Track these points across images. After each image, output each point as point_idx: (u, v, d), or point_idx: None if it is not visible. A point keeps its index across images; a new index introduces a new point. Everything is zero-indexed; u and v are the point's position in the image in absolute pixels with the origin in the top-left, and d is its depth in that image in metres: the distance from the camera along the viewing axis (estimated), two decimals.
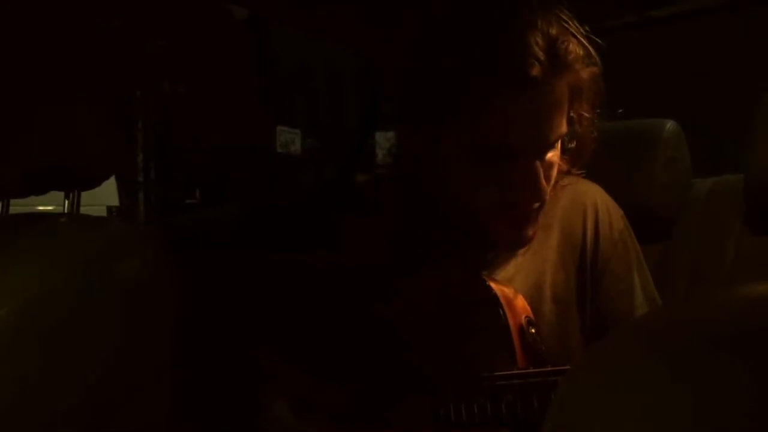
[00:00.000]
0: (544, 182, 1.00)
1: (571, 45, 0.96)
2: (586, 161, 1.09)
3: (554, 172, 1.03)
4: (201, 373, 1.02)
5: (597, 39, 1.00)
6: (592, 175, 1.17)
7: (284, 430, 1.03)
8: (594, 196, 1.14)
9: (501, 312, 0.98)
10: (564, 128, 1.00)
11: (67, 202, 1.01)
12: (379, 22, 1.55)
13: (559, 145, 1.03)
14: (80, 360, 0.76)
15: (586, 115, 1.04)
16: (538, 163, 0.98)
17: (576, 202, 1.13)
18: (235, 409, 1.04)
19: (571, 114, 1.01)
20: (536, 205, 1.02)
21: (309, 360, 1.04)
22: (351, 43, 1.81)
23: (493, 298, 0.99)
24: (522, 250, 1.10)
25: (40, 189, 0.88)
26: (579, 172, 1.11)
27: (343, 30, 1.70)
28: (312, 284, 1.09)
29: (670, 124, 1.51)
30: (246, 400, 1.03)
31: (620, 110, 1.16)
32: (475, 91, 0.94)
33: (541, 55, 0.93)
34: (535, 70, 0.92)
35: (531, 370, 0.94)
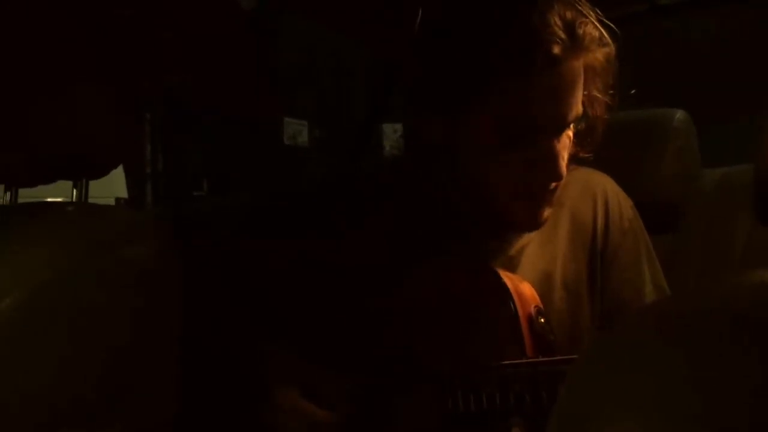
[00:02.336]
0: (562, 162, 1.01)
1: (588, 26, 0.99)
2: (596, 144, 1.10)
3: (567, 153, 1.04)
4: (208, 363, 1.02)
5: (610, 23, 1.02)
6: (602, 165, 1.16)
7: (292, 417, 1.03)
8: (604, 185, 1.15)
9: (510, 301, 0.98)
10: (580, 108, 1.02)
11: (75, 191, 1.01)
12: (394, 10, 1.54)
13: (572, 125, 1.03)
14: (91, 345, 0.76)
15: (599, 96, 1.05)
16: (556, 142, 0.99)
17: (586, 191, 1.13)
18: (242, 399, 1.04)
19: (584, 93, 1.02)
20: (553, 185, 1.03)
21: (317, 350, 1.04)
22: (360, 30, 1.80)
23: (503, 288, 0.99)
24: (532, 239, 1.10)
25: (48, 178, 0.88)
26: (587, 155, 1.11)
27: (355, 20, 1.69)
28: (321, 275, 1.09)
29: (679, 114, 1.50)
30: (254, 389, 1.04)
31: (632, 91, 1.16)
32: (500, 72, 0.95)
33: (562, 34, 0.95)
34: (557, 49, 0.95)
35: (540, 359, 0.94)
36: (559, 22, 0.96)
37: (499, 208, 1.04)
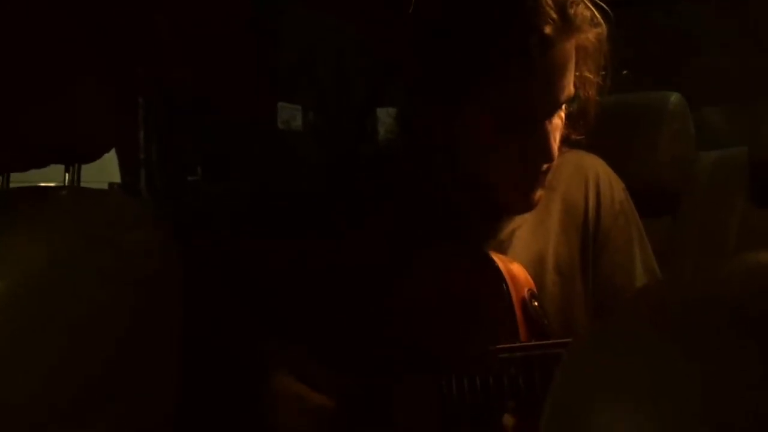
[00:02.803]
0: (554, 143, 1.01)
1: (579, 7, 0.99)
2: (588, 126, 1.10)
3: (559, 134, 1.04)
4: (208, 355, 1.02)
5: (603, 4, 1.02)
6: (597, 149, 1.16)
7: (288, 406, 1.03)
8: (596, 167, 1.15)
9: (504, 285, 0.98)
10: (572, 89, 1.02)
11: (67, 176, 1.00)
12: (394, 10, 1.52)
13: (564, 107, 1.03)
14: (86, 337, 0.75)
15: (590, 77, 1.05)
16: (548, 124, 0.99)
17: (578, 173, 1.13)
18: (242, 389, 1.04)
19: (576, 73, 1.02)
20: (546, 166, 1.03)
21: (314, 337, 1.04)
22: (357, 20, 1.79)
23: (496, 272, 0.99)
24: (524, 221, 1.10)
25: (40, 162, 0.88)
26: (579, 136, 1.11)
27: (356, 18, 1.68)
28: (317, 263, 1.09)
29: (674, 97, 1.50)
30: (253, 379, 1.04)
31: (625, 71, 1.15)
32: (494, 56, 0.96)
33: (553, 14, 0.96)
34: (549, 29, 0.95)
35: (533, 343, 0.94)
36: (550, 2, 0.96)
37: (492, 192, 1.04)
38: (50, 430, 0.71)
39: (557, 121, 1.03)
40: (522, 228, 1.10)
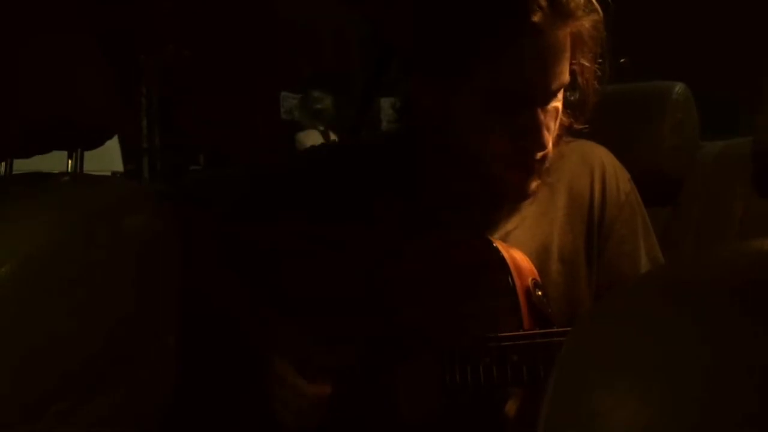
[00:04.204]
0: (546, 131, 1.00)
1: None
2: (589, 115, 1.09)
3: (556, 123, 1.04)
4: (204, 336, 1.02)
5: None
6: (601, 138, 1.16)
7: (287, 390, 1.03)
8: (601, 157, 1.14)
9: (508, 274, 0.98)
10: (566, 77, 1.01)
11: (70, 162, 1.00)
12: None
13: (561, 95, 1.03)
14: (84, 316, 0.75)
15: (587, 64, 1.04)
16: (540, 111, 0.99)
17: (583, 163, 1.13)
18: (239, 372, 1.04)
19: (573, 62, 1.02)
20: (540, 154, 1.02)
21: (316, 321, 1.04)
22: (361, 7, 1.79)
23: (500, 261, 0.99)
24: (529, 211, 1.10)
25: (43, 148, 0.88)
26: (581, 126, 1.10)
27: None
28: (320, 250, 1.08)
29: (678, 87, 1.50)
30: (251, 362, 1.04)
31: (622, 59, 1.14)
32: (484, 39, 0.95)
33: (543, 2, 0.95)
34: (537, 17, 0.94)
35: (537, 331, 0.94)
36: None
37: (489, 177, 1.04)
38: (53, 404, 0.71)
39: (552, 110, 1.02)
40: (527, 218, 1.10)
